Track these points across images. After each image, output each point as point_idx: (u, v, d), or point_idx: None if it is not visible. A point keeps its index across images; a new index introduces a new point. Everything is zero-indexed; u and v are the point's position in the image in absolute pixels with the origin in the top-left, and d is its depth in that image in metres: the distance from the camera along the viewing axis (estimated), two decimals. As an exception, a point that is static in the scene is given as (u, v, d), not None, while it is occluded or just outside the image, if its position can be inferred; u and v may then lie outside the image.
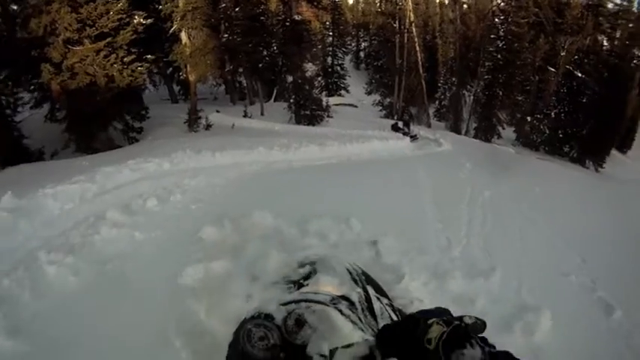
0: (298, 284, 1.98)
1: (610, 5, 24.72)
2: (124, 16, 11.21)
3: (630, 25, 26.11)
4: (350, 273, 2.04)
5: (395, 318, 1.92)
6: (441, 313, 1.24)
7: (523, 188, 8.94)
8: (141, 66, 11.55)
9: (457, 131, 23.40)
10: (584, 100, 22.29)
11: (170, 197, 5.16)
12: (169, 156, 7.41)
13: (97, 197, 5.25)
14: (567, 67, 22.60)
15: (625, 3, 25.38)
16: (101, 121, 11.30)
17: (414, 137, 14.57)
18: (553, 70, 23.29)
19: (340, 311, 1.63)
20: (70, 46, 10.21)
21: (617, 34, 23.79)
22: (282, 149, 8.98)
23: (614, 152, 24.49)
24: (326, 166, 8.27)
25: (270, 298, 1.81)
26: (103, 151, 10.44)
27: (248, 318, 1.73)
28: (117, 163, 6.57)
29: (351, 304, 1.75)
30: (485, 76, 21.86)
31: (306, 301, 1.68)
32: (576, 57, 22.65)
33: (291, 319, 1.60)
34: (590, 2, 23.78)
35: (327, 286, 1.85)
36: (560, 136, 23.10)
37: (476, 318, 1.18)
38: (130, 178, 6.08)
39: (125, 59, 11.08)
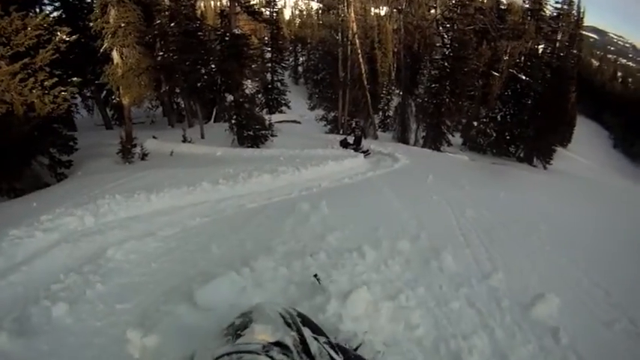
0: (236, 336, 1.89)
1: (550, 9, 25.72)
2: (44, 32, 9.88)
3: (570, 27, 27.34)
4: (283, 317, 2.04)
5: (335, 355, 1.96)
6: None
7: (499, 203, 8.73)
8: (65, 90, 10.24)
9: (405, 141, 23.54)
10: (529, 102, 23.05)
11: (86, 290, 3.83)
12: (95, 203, 6.39)
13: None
14: (511, 70, 23.29)
15: (565, 7, 26.54)
16: (22, 158, 9.97)
17: (366, 153, 14.22)
18: (497, 74, 23.87)
19: (272, 358, 1.64)
20: (-19, 69, 8.90)
21: (559, 37, 24.70)
22: (230, 182, 8.13)
23: (557, 148, 25.54)
24: (284, 204, 7.16)
25: (203, 354, 1.78)
26: (28, 191, 9.27)
27: None
28: (29, 221, 5.55)
29: (285, 348, 1.74)
30: (433, 85, 21.94)
31: (237, 352, 1.65)
32: (518, 60, 23.38)
33: None
34: (530, 7, 24.60)
35: (261, 334, 1.81)
36: (507, 137, 23.77)
37: None
38: (43, 242, 5.04)
39: (46, 83, 9.78)
